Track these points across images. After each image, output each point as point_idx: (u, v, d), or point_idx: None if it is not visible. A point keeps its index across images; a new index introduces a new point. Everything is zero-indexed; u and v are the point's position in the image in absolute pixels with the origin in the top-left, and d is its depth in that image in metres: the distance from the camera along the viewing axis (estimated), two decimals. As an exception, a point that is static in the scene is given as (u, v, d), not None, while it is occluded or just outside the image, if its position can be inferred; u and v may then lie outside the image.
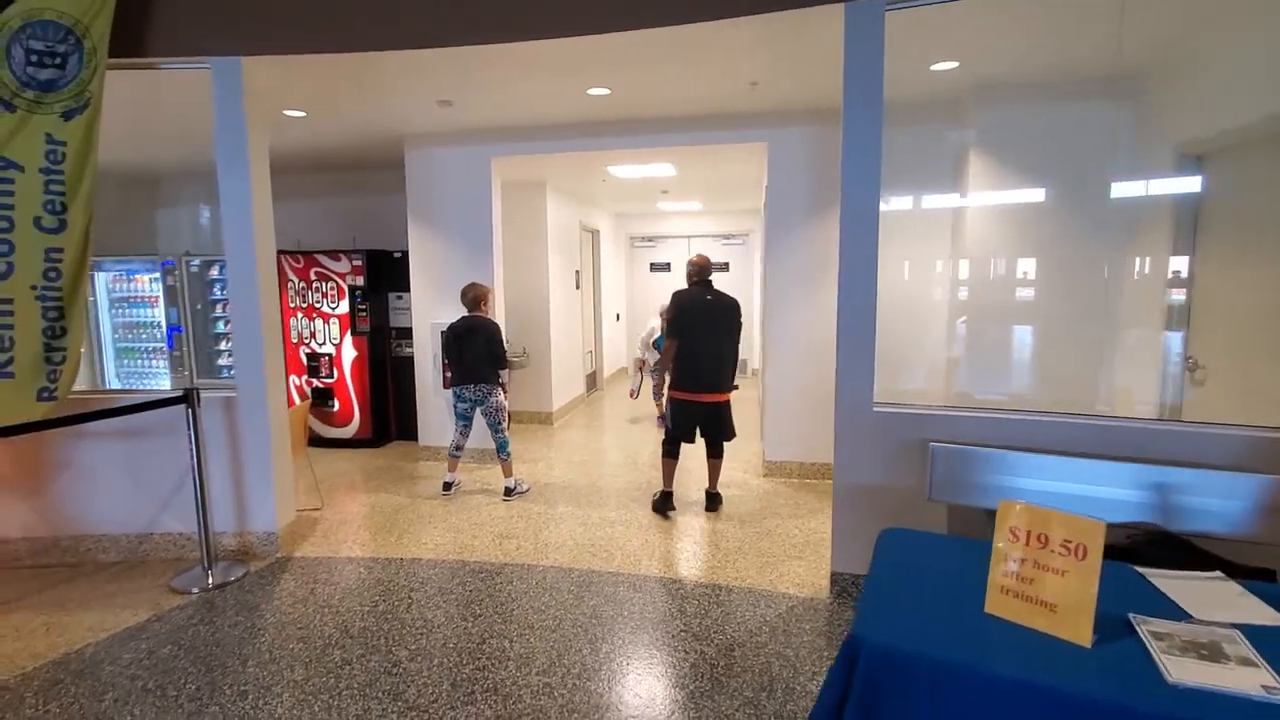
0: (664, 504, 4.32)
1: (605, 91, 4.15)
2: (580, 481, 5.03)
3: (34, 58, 3.16)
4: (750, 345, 9.24)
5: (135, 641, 2.88)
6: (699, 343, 4.17)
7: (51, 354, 3.29)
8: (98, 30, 3.22)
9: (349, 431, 6.09)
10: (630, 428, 6.85)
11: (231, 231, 3.53)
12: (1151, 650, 1.43)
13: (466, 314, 4.62)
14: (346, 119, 4.80)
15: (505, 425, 4.69)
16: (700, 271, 4.29)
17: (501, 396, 4.67)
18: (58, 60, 3.19)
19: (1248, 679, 1.33)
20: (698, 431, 4.30)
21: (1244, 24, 3.13)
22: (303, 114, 4.58)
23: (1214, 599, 1.69)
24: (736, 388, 4.37)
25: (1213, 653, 1.43)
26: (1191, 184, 3.58)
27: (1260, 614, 1.61)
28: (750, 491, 4.74)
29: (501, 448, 4.67)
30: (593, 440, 6.30)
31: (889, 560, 1.90)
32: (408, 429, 6.07)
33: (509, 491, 4.64)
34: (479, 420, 4.76)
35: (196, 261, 6.19)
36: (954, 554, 1.94)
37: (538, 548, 3.80)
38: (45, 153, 3.20)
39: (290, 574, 3.51)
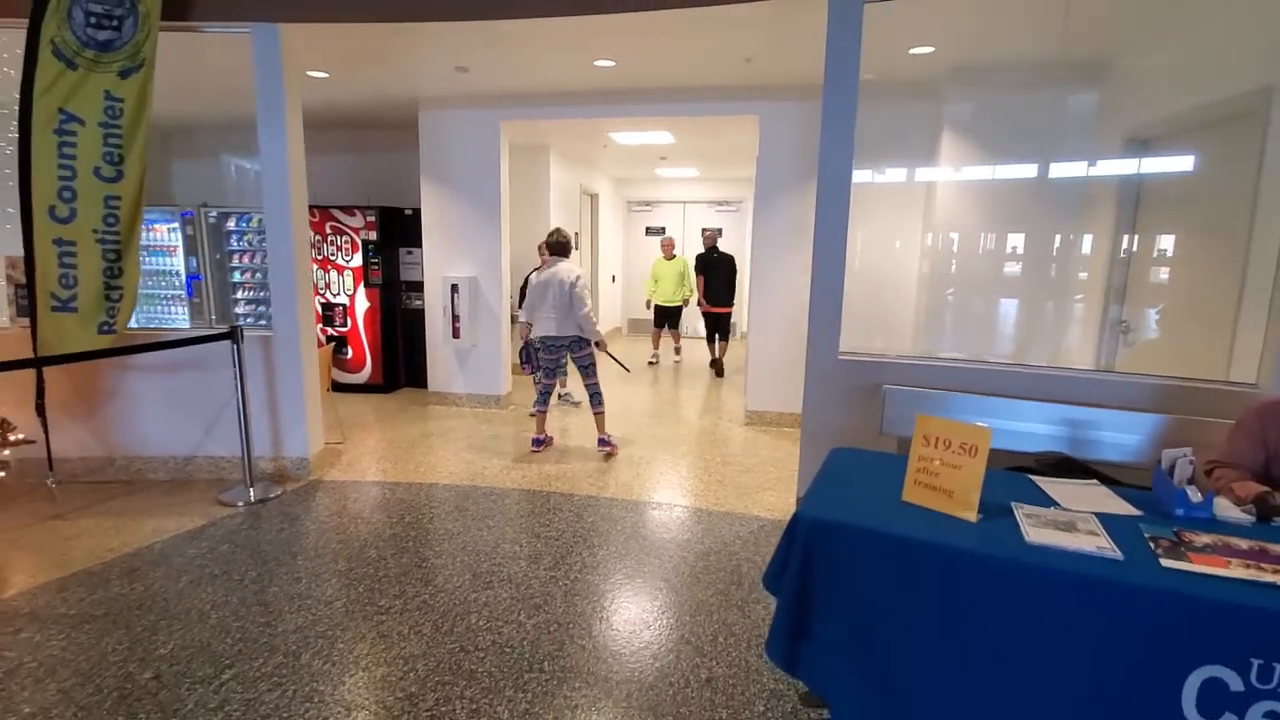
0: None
1: (611, 63, 4.48)
2: (578, 425, 5.49)
3: (93, 20, 3.48)
4: (741, 310, 9.66)
5: (196, 540, 3.34)
6: (711, 279, 7.52)
7: (110, 291, 3.69)
8: (151, -5, 3.53)
9: (361, 377, 6.51)
10: (621, 383, 7.29)
11: (270, 184, 3.89)
12: (1020, 523, 1.90)
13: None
14: (365, 81, 5.10)
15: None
16: (710, 240, 7.64)
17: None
18: (114, 23, 3.51)
19: (1088, 541, 1.79)
20: (714, 328, 7.68)
21: (1185, 16, 3.51)
22: (325, 75, 4.89)
23: (1084, 497, 2.15)
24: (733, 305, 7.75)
25: (1068, 526, 1.89)
26: (1136, 165, 3.99)
27: (1118, 507, 2.07)
28: (733, 436, 5.22)
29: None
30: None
31: (833, 468, 2.36)
32: (416, 376, 6.50)
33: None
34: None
35: (214, 213, 6.51)
36: (887, 465, 2.39)
37: (541, 477, 4.27)
38: (104, 108, 3.54)
39: (323, 493, 3.97)
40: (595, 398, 4.77)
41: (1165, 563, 1.69)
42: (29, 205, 3.49)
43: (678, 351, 8.57)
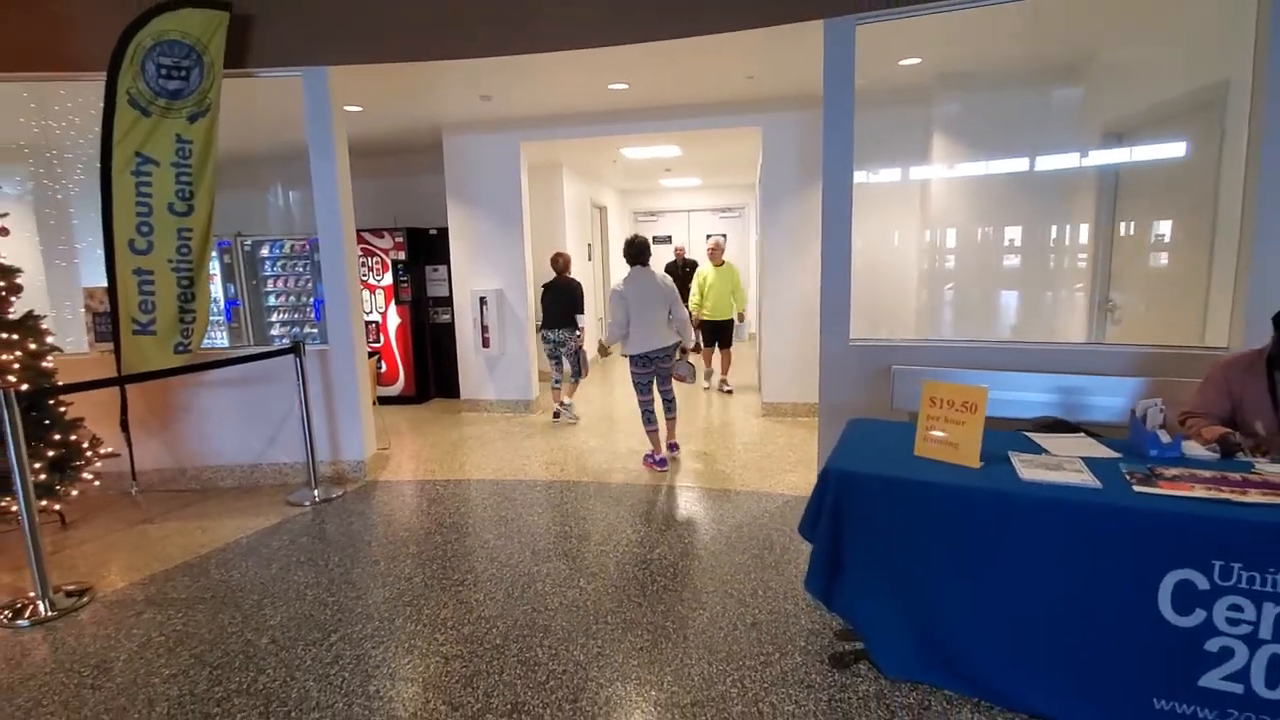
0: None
1: (624, 85, 4.86)
2: (601, 425, 5.83)
3: (164, 71, 3.87)
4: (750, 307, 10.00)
5: (276, 535, 3.68)
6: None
7: (184, 315, 4.06)
8: (215, 47, 3.92)
9: (395, 390, 6.87)
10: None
11: (323, 211, 4.26)
12: (1016, 466, 2.23)
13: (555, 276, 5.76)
14: (395, 112, 5.49)
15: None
16: (679, 253, 8.49)
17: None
18: (183, 73, 3.90)
19: (1073, 477, 2.12)
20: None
21: (1150, 17, 3.87)
22: (359, 109, 5.28)
23: (1072, 446, 2.48)
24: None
25: (1056, 466, 2.22)
26: (1115, 156, 4.35)
27: (1101, 452, 2.40)
28: (751, 427, 5.55)
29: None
30: (607, 394, 7.10)
31: (853, 434, 2.70)
32: (445, 387, 6.86)
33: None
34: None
35: (249, 241, 6.90)
36: (899, 430, 2.72)
37: (579, 469, 4.60)
38: (175, 149, 3.93)
39: (381, 491, 4.31)
40: (661, 409, 4.85)
41: (1138, 489, 2.03)
42: (111, 240, 3.87)
43: (725, 381, 7.02)
